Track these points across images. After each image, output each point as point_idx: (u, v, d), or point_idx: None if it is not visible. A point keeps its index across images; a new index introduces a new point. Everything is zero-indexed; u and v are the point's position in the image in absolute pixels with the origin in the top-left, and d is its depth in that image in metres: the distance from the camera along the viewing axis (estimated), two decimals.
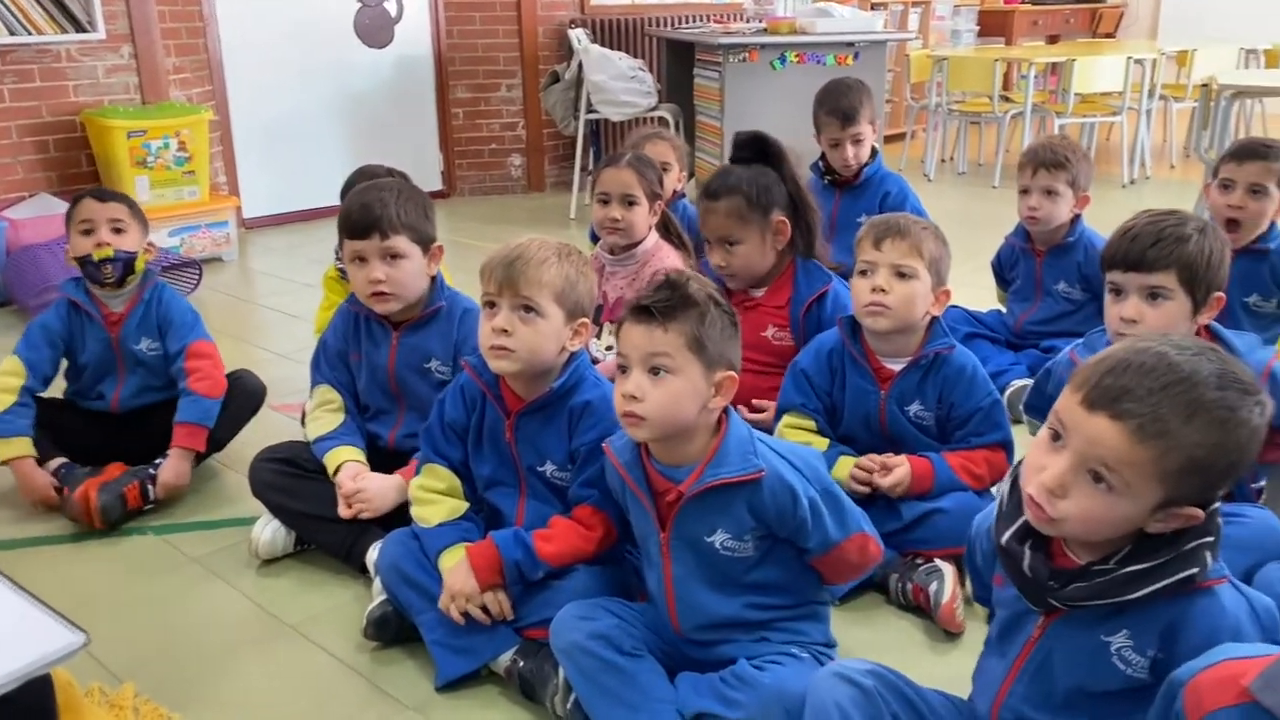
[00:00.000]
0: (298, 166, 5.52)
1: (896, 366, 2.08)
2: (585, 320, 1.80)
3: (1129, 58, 6.03)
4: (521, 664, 1.73)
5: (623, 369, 1.54)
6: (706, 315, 1.52)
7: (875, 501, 2.02)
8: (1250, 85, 5.06)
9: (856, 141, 3.24)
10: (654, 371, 1.50)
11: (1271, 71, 6.46)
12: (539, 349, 1.75)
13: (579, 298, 1.78)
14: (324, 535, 2.13)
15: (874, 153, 3.31)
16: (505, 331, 1.73)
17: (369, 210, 2.10)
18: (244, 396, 2.55)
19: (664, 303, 1.51)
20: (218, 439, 2.50)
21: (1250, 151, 2.66)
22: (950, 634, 1.89)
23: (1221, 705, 1.04)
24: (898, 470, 2.00)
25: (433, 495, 1.88)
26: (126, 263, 2.44)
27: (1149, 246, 1.84)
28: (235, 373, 2.58)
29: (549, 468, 1.83)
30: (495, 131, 6.17)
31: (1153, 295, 1.85)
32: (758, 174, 2.40)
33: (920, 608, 1.94)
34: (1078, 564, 1.21)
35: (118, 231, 2.43)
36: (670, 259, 2.67)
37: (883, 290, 2.00)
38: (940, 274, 2.05)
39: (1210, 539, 1.16)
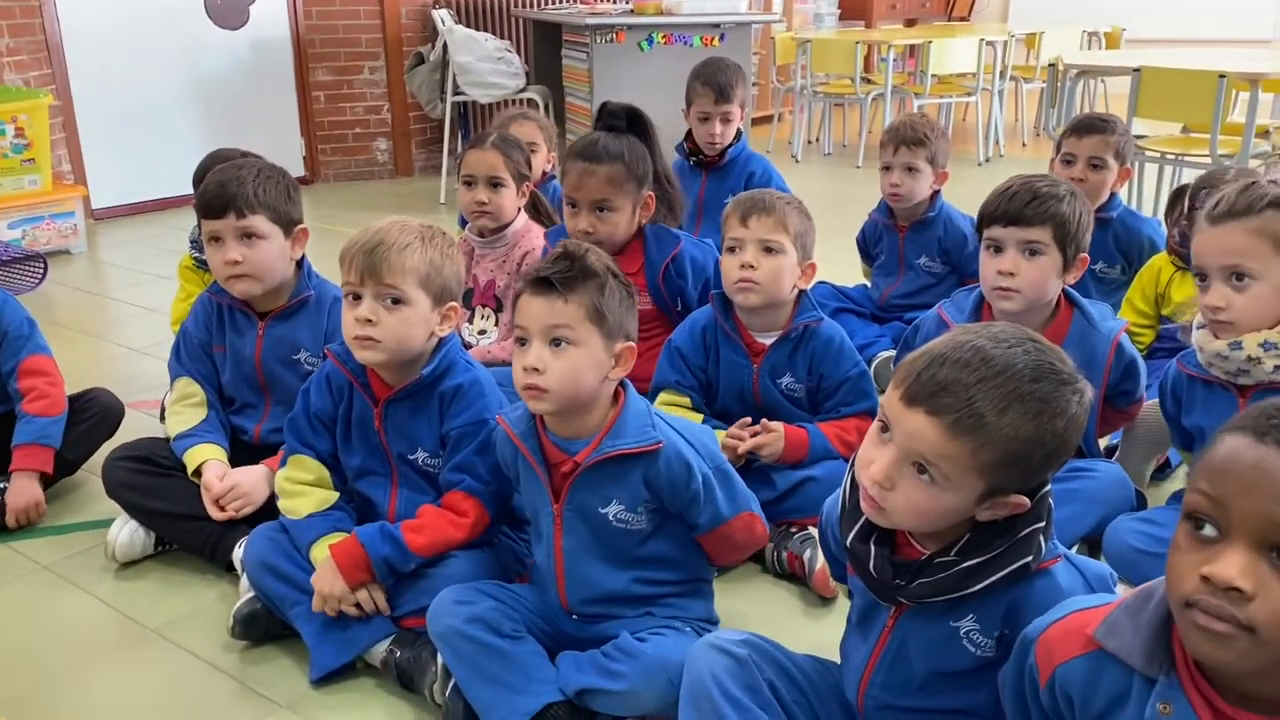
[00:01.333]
0: (149, 154, 5.26)
1: (768, 340, 2.11)
2: (454, 304, 1.77)
3: (981, 40, 6.27)
4: (398, 654, 1.69)
5: (522, 341, 1.53)
6: (606, 286, 1.52)
7: (751, 472, 2.05)
8: (1093, 65, 5.32)
9: (726, 120, 3.26)
10: (555, 343, 1.50)
11: (1111, 52, 6.80)
12: (406, 338, 1.71)
13: (445, 281, 1.75)
14: (186, 534, 2.04)
15: (739, 134, 3.35)
16: (370, 321, 1.68)
17: (224, 189, 2.03)
18: (101, 416, 2.39)
19: (563, 274, 1.50)
20: (70, 460, 2.34)
21: (1088, 126, 2.79)
22: (824, 599, 1.94)
23: (1071, 656, 1.08)
24: (772, 435, 2.04)
25: (300, 487, 1.83)
26: None
27: (1027, 203, 1.92)
28: (91, 392, 2.43)
29: (420, 455, 1.79)
30: (359, 115, 6.01)
31: (1030, 250, 1.93)
32: (634, 144, 2.40)
33: (796, 575, 1.98)
34: (922, 554, 1.24)
35: None
36: (540, 241, 2.65)
37: (751, 266, 2.03)
38: (806, 248, 2.09)
39: (1041, 524, 1.20)
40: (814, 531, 1.99)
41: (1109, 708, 1.06)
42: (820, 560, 1.93)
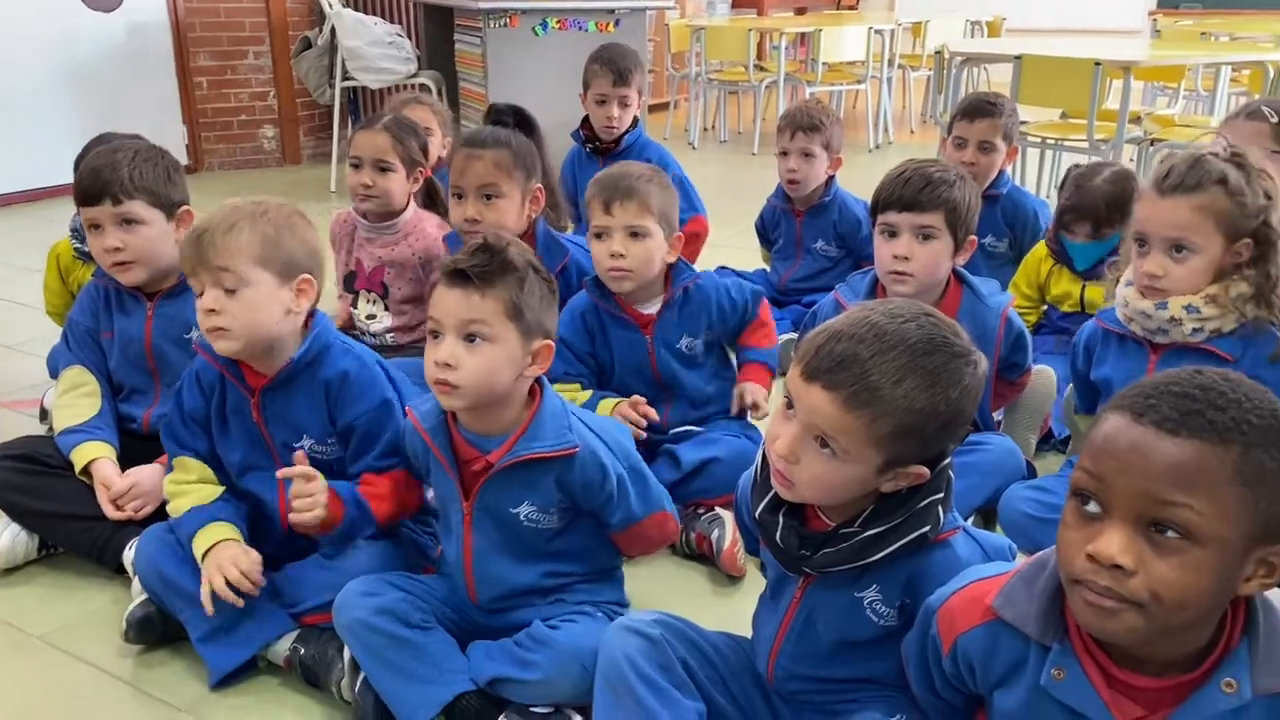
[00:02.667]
0: (20, 143, 5.00)
1: (653, 309, 2.13)
2: (306, 277, 1.69)
3: (870, 28, 6.40)
4: (302, 651, 1.65)
5: (435, 334, 1.48)
6: (526, 281, 1.48)
7: (656, 455, 2.06)
8: (977, 52, 5.48)
9: (623, 104, 3.24)
10: (469, 339, 1.46)
11: (994, 40, 7.02)
12: (256, 322, 1.63)
13: (289, 255, 1.66)
14: (74, 536, 1.96)
15: (635, 121, 3.35)
16: (214, 311, 1.61)
17: (98, 175, 1.95)
18: None
19: (482, 267, 1.46)
20: None
21: (978, 110, 2.87)
22: (733, 578, 1.96)
23: (971, 625, 1.12)
24: (753, 390, 2.13)
25: (184, 487, 1.76)
26: None
27: (921, 189, 1.97)
28: None
29: (307, 443, 1.72)
30: (244, 102, 5.82)
31: (923, 235, 1.98)
32: (521, 137, 2.38)
33: (704, 555, 2.00)
34: (829, 526, 1.27)
35: None
36: (433, 230, 2.59)
37: (621, 255, 2.04)
38: (671, 222, 2.10)
39: (940, 495, 1.24)
40: (721, 512, 2.01)
41: (1008, 674, 1.11)
42: (728, 539, 1.95)
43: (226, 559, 1.63)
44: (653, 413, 2.05)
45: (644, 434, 2.03)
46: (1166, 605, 0.93)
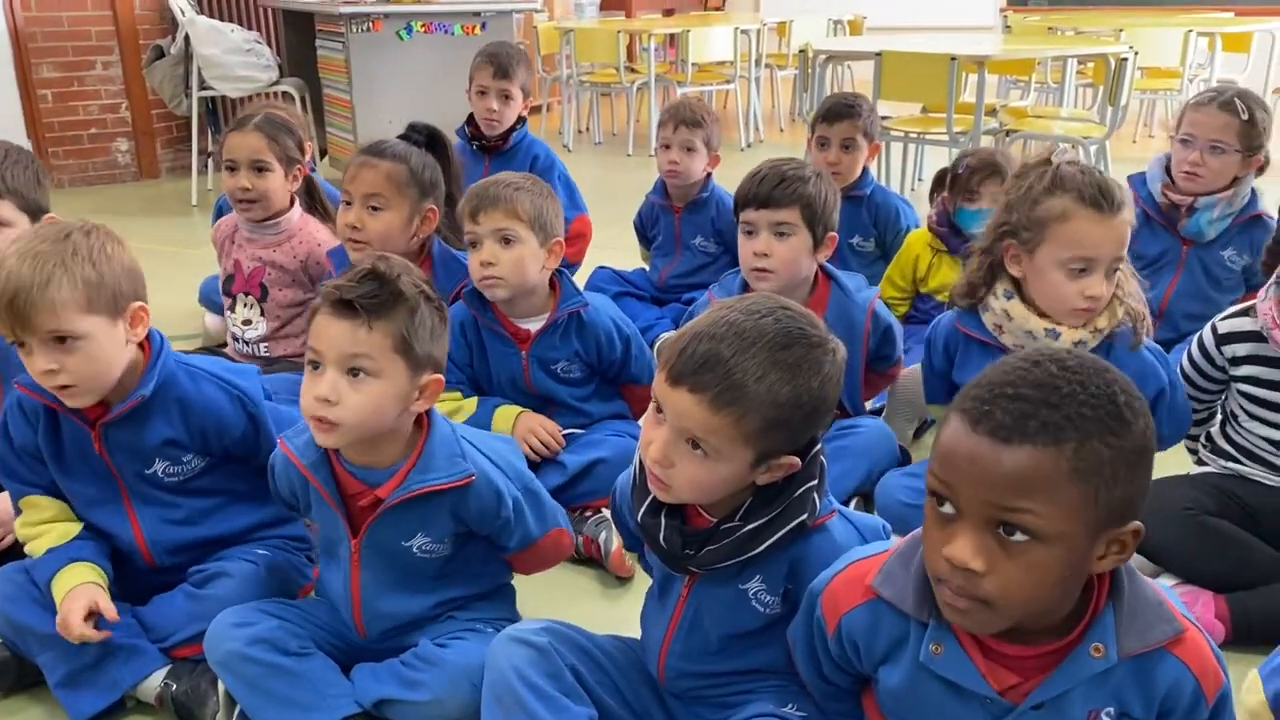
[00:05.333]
0: None
1: (533, 326, 2.10)
2: (137, 305, 1.55)
3: (736, 29, 6.49)
4: (174, 687, 1.57)
5: (314, 365, 1.39)
6: (417, 313, 1.40)
7: (540, 461, 2.04)
8: (840, 51, 5.60)
9: (505, 98, 3.20)
10: (353, 372, 1.37)
11: (855, 38, 7.20)
12: (99, 371, 1.51)
13: (113, 289, 1.50)
14: None
15: (522, 120, 3.31)
16: (54, 371, 1.46)
17: None
18: None
19: (370, 298, 1.36)
20: None
21: (838, 113, 2.94)
22: (622, 579, 1.95)
23: (853, 605, 1.14)
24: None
25: (40, 527, 1.62)
26: None
27: (775, 186, 2.00)
28: None
29: (160, 466, 1.62)
30: (94, 114, 5.54)
31: (779, 231, 2.01)
32: (427, 157, 2.30)
33: (592, 558, 1.98)
34: (710, 522, 1.28)
35: None
36: (320, 235, 2.52)
37: (491, 263, 2.01)
38: (547, 228, 2.06)
39: (814, 482, 1.25)
40: (608, 513, 1.99)
41: (890, 650, 1.13)
42: (615, 541, 1.94)
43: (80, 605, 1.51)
44: (561, 440, 2.04)
45: (543, 454, 2.01)
46: (1016, 602, 0.98)
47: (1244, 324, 1.81)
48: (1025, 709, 1.06)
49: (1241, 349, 1.81)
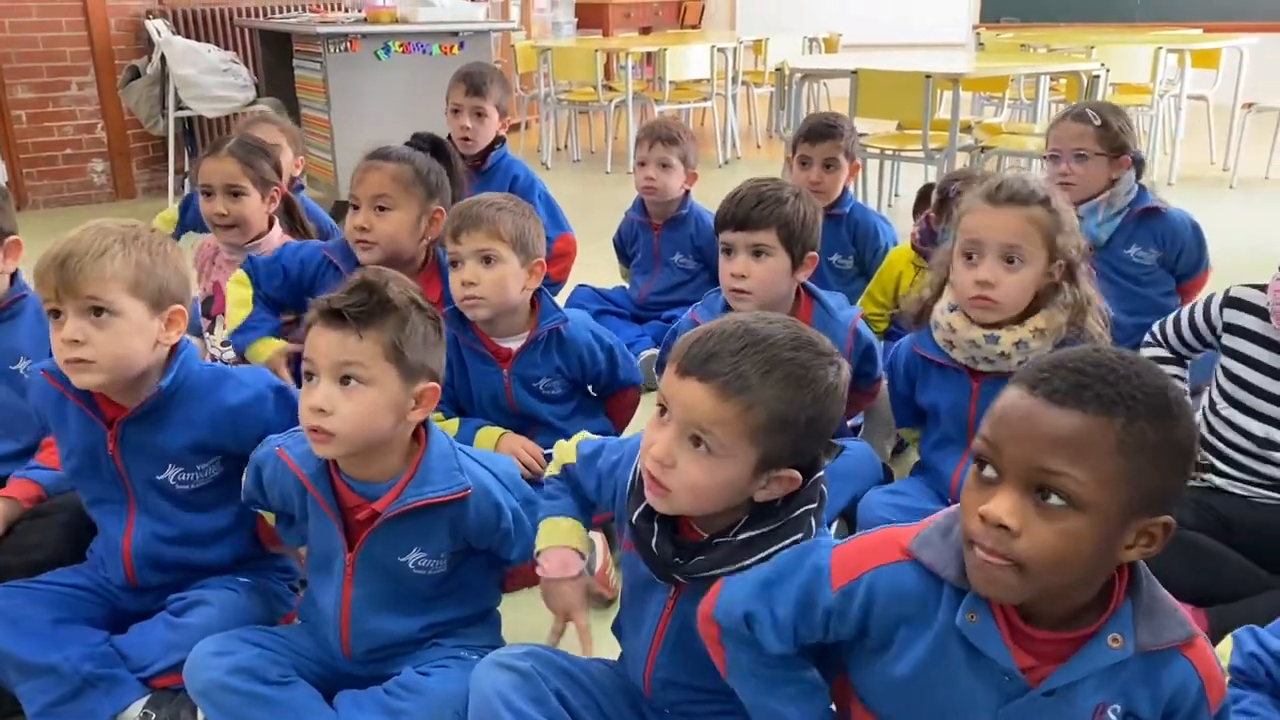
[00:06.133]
0: None
1: (513, 345, 2.11)
2: (179, 308, 1.58)
3: (713, 46, 6.54)
4: (153, 716, 1.55)
5: (309, 376, 1.41)
6: (408, 321, 1.41)
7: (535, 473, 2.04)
8: (816, 69, 5.65)
9: (479, 115, 3.18)
10: (345, 381, 1.38)
11: (831, 56, 7.25)
12: (125, 354, 1.52)
13: (162, 283, 1.55)
14: None
15: (501, 140, 3.30)
16: (78, 343, 1.48)
17: None
18: None
19: (359, 307, 1.38)
20: None
21: (820, 133, 2.96)
22: (606, 599, 1.94)
23: (883, 563, 1.14)
24: None
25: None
26: None
27: (752, 207, 2.02)
28: None
29: (172, 473, 1.62)
30: (69, 135, 5.51)
31: (757, 252, 2.02)
32: (432, 160, 2.33)
33: None
34: (703, 537, 1.28)
35: None
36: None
37: (472, 283, 2.02)
38: (528, 248, 2.07)
39: (814, 505, 1.26)
40: (590, 534, 1.98)
41: (914, 614, 1.13)
42: (599, 561, 1.93)
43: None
44: (544, 461, 2.03)
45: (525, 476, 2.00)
46: (1045, 566, 1.00)
47: (1256, 296, 1.88)
48: (1037, 694, 1.08)
49: (1243, 319, 1.88)
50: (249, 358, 2.25)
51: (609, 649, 1.51)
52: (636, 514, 1.30)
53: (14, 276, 1.96)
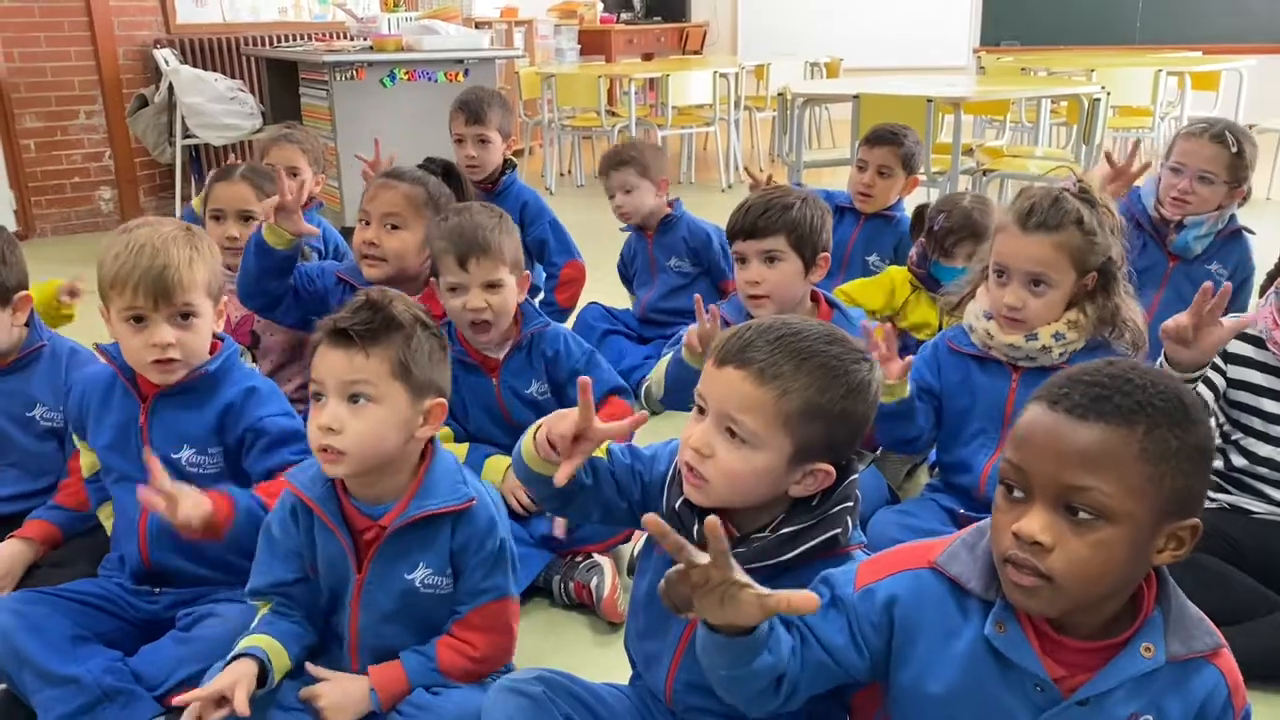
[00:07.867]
0: None
1: (499, 354, 2.15)
2: (225, 298, 1.75)
3: (715, 72, 6.58)
4: None
5: (317, 396, 1.42)
6: (413, 338, 1.44)
7: (533, 511, 2.04)
8: (818, 94, 5.70)
9: (482, 142, 3.17)
10: (353, 399, 1.40)
11: (833, 80, 7.31)
12: (199, 350, 1.69)
13: (219, 277, 1.72)
14: None
15: (511, 164, 3.29)
16: (171, 345, 1.63)
17: None
18: None
19: (364, 325, 1.41)
20: None
21: (880, 138, 3.03)
22: (614, 625, 1.94)
23: (905, 568, 1.17)
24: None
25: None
26: None
27: (760, 215, 2.08)
28: None
29: (186, 454, 1.69)
30: (77, 163, 5.55)
31: (769, 258, 2.08)
32: (443, 184, 2.41)
33: (584, 604, 1.98)
34: (738, 535, 1.28)
35: None
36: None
37: (481, 308, 2.06)
38: (520, 264, 2.15)
39: (850, 504, 1.28)
40: (599, 558, 2.00)
41: (933, 623, 1.14)
42: (608, 586, 1.94)
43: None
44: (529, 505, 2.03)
45: (531, 509, 2.02)
46: (1080, 580, 1.02)
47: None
48: (1071, 704, 1.09)
49: (1242, 349, 1.90)
50: None
51: (619, 674, 1.51)
52: (680, 502, 1.28)
53: (31, 321, 1.98)
